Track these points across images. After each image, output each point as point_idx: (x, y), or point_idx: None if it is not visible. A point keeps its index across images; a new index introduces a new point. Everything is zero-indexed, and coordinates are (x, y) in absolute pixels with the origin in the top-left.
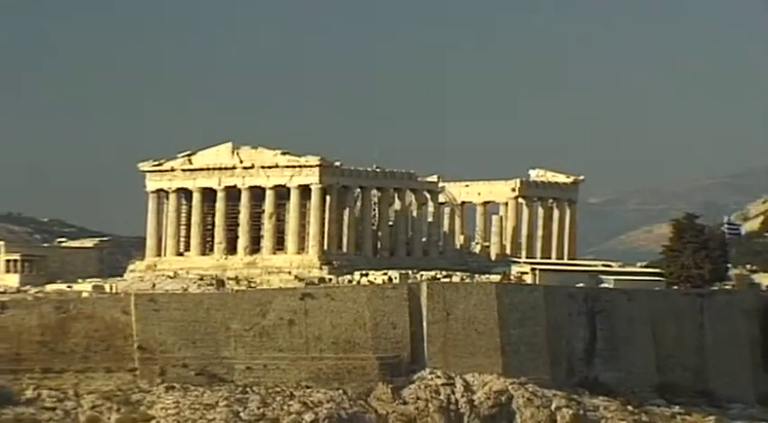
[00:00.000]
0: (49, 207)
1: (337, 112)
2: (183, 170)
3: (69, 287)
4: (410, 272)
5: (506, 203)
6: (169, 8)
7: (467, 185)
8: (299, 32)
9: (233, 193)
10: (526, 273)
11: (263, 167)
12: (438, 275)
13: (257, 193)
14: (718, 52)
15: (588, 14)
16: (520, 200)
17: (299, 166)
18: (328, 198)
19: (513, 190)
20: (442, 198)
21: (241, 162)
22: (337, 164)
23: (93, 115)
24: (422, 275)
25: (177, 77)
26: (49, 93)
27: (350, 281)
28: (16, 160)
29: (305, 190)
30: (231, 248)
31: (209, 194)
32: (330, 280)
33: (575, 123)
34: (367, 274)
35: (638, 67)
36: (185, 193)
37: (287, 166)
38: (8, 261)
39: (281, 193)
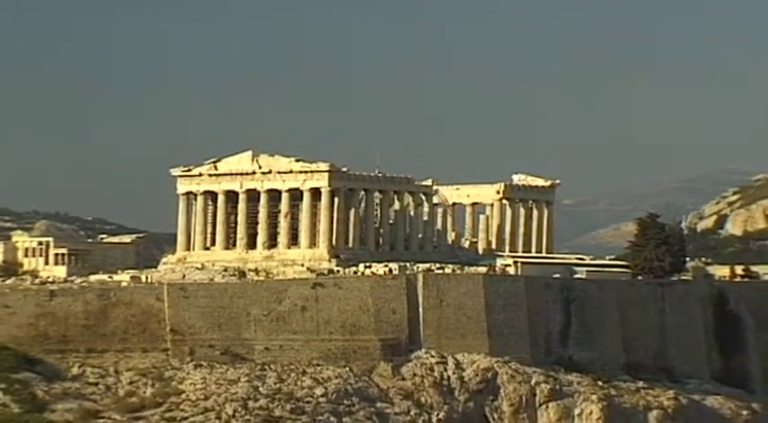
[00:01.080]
0: (93, 207)
1: (342, 120)
2: (210, 175)
3: (110, 277)
4: (408, 264)
5: (492, 204)
6: (206, 38)
7: (457, 188)
8: (305, 46)
9: (253, 195)
10: (509, 265)
11: (279, 173)
12: (432, 267)
13: (274, 195)
14: (689, 61)
15: (559, 27)
16: (504, 201)
17: (311, 172)
18: (336, 199)
19: (498, 192)
20: (435, 199)
21: (260, 168)
22: (344, 169)
23: (126, 127)
24: (418, 267)
25: (204, 91)
26: (78, 106)
27: (355, 272)
28: (63, 164)
29: (316, 192)
30: (251, 244)
31: (232, 196)
32: (338, 271)
33: (553, 132)
34: (370, 266)
35: (621, 75)
36: (211, 196)
37: (300, 172)
38: (56, 255)
39: (295, 195)
